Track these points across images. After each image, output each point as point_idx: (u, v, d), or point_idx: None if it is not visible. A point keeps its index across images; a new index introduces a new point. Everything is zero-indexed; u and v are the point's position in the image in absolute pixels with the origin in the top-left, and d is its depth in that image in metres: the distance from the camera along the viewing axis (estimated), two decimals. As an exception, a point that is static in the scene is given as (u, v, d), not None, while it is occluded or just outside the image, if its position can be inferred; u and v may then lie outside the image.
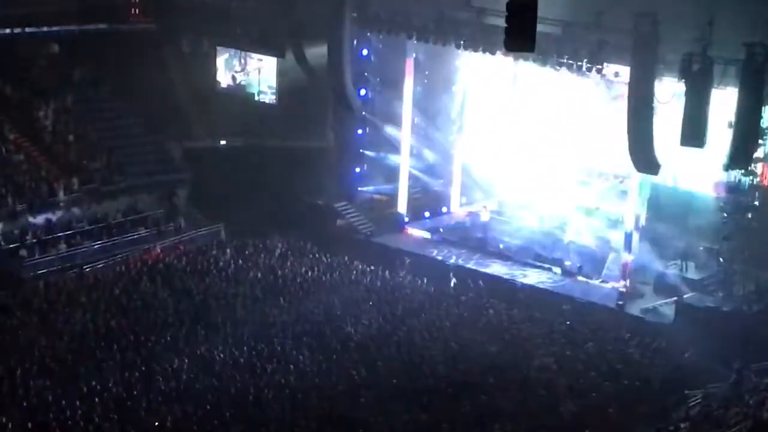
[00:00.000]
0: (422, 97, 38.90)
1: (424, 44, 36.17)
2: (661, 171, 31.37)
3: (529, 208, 38.38)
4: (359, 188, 39.77)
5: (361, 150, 39.62)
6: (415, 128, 38.79)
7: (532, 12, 16.94)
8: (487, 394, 25.15)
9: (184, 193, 38.37)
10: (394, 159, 39.10)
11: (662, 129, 30.11)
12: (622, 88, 31.42)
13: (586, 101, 35.27)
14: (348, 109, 38.20)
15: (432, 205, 40.00)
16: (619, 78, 31.34)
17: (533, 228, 37.57)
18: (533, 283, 33.85)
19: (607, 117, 34.16)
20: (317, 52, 38.96)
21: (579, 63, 31.74)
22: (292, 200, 38.39)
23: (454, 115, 39.32)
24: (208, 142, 42.08)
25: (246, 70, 42.88)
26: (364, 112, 38.80)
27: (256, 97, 42.82)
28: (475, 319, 30.24)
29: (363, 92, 38.48)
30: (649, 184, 33.47)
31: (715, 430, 22.65)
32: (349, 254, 34.73)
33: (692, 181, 33.80)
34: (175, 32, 42.09)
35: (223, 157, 41.14)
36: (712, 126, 28.90)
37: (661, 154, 30.61)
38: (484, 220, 38.03)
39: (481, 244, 36.86)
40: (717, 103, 28.86)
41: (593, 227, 36.21)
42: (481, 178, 40.36)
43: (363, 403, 24.62)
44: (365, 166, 39.73)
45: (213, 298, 30.30)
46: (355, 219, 38.56)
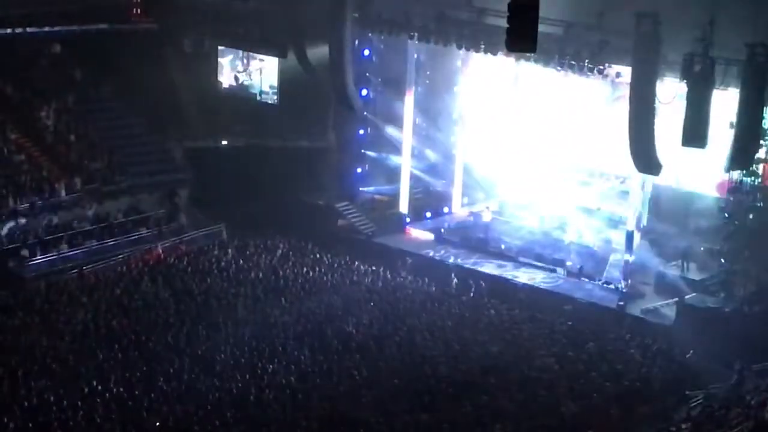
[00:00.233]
0: (423, 97, 38.92)
1: (426, 44, 36.22)
2: (663, 171, 31.34)
3: (530, 208, 38.44)
4: (360, 188, 39.79)
5: (363, 150, 39.65)
6: (416, 128, 38.79)
7: (534, 12, 16.94)
8: (488, 395, 25.12)
9: (186, 193, 38.31)
10: (396, 159, 39.11)
11: (664, 129, 30.09)
12: (625, 89, 31.39)
13: (587, 102, 35.26)
14: (349, 110, 38.16)
15: (433, 205, 40.01)
16: (620, 78, 31.34)
17: (534, 228, 37.65)
18: (534, 284, 33.87)
19: (608, 117, 34.13)
20: (319, 52, 38.95)
21: (580, 63, 31.77)
22: (293, 200, 38.41)
23: (455, 115, 39.34)
24: (210, 142, 41.99)
25: (248, 71, 42.87)
26: (365, 113, 38.82)
27: (258, 98, 42.80)
28: (476, 320, 30.24)
29: (364, 92, 38.52)
30: (651, 184, 33.47)
31: (717, 431, 22.64)
32: (350, 254, 34.79)
33: (694, 182, 33.80)
34: (177, 32, 41.98)
35: (225, 157, 41.08)
36: (714, 126, 28.86)
37: (663, 155, 30.60)
38: (486, 221, 38.05)
39: (482, 244, 36.87)
40: (718, 104, 28.81)
41: (594, 227, 36.30)
42: (483, 178, 40.37)
43: (364, 403, 24.61)
44: (366, 166, 39.77)
45: (214, 298, 30.31)
46: (357, 219, 38.56)
